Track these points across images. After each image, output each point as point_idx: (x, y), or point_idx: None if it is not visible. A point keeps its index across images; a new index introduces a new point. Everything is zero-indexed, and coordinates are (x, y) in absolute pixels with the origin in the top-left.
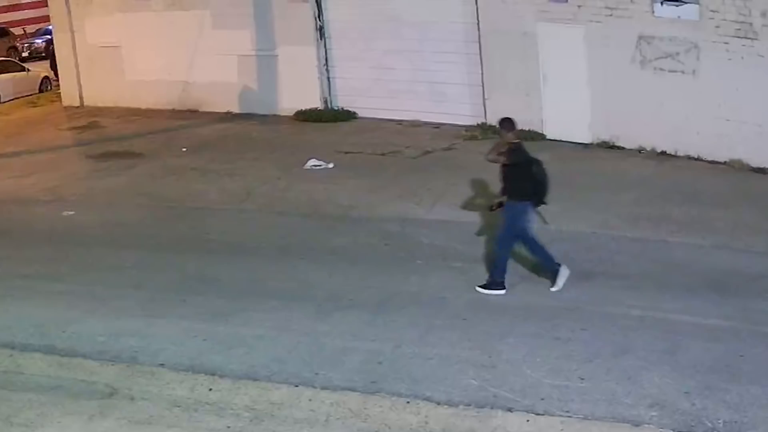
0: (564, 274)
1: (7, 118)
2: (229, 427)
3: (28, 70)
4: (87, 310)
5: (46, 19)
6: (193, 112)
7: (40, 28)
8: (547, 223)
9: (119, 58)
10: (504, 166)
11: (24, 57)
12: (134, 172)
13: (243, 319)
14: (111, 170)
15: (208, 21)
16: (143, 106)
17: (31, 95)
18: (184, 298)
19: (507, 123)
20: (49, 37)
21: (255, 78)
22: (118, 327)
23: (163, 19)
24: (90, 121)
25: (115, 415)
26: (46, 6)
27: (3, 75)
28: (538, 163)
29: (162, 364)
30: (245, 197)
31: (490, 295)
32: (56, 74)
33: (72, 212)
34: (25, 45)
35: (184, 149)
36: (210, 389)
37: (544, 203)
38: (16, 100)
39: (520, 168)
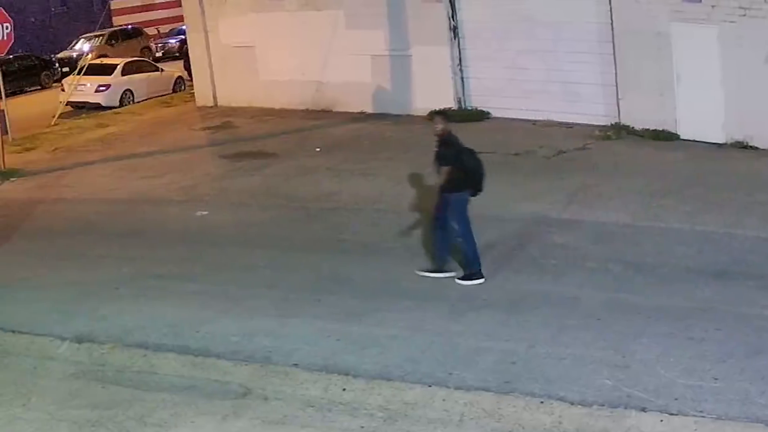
0: (444, 275)
1: (140, 118)
2: (362, 427)
3: (162, 70)
4: (221, 310)
5: (180, 19)
6: (326, 112)
7: (173, 28)
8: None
9: (253, 58)
10: (437, 158)
11: (158, 57)
12: (267, 172)
13: (377, 319)
14: (244, 170)
15: (341, 21)
16: (277, 106)
17: (164, 95)
18: (317, 298)
19: (437, 116)
20: (182, 37)
21: (388, 78)
22: (252, 327)
23: (296, 19)
24: (223, 121)
25: (249, 415)
26: (180, 6)
27: (137, 75)
28: (470, 152)
29: (296, 364)
30: (378, 197)
31: (471, 285)
32: (190, 74)
33: (205, 212)
34: (159, 45)
35: (318, 149)
36: (344, 389)
37: (479, 191)
38: (150, 100)
39: (458, 159)
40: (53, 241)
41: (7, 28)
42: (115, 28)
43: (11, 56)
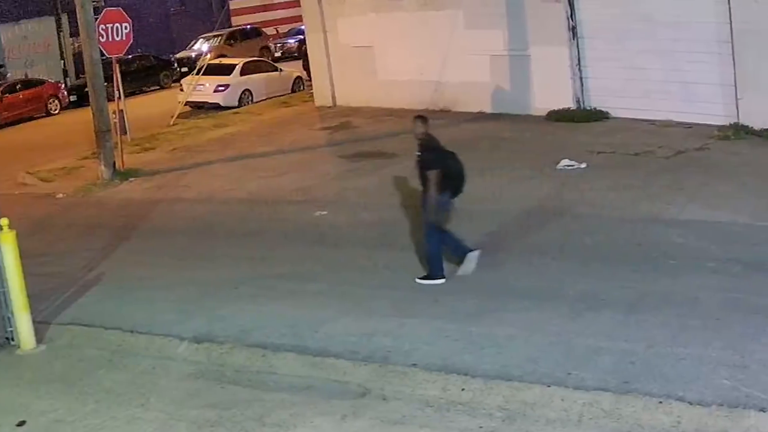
0: (435, 283)
1: (259, 118)
2: (481, 427)
3: (281, 70)
4: (339, 310)
5: (299, 19)
6: (445, 112)
7: (292, 28)
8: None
9: (371, 58)
10: (421, 163)
11: (276, 57)
12: (386, 172)
13: (495, 319)
14: (363, 170)
15: (460, 21)
16: (395, 106)
17: (283, 95)
18: (436, 298)
19: (418, 120)
20: (301, 37)
21: (507, 78)
22: (371, 327)
23: (415, 19)
24: (342, 121)
25: (368, 415)
26: (299, 6)
27: (256, 75)
28: (452, 155)
29: (414, 364)
30: (497, 197)
31: (431, 284)
32: (308, 74)
33: (324, 212)
34: (278, 45)
35: None
36: (462, 389)
37: (459, 193)
38: (269, 100)
39: (438, 163)
40: (172, 240)
41: (125, 28)
42: (234, 28)
43: (130, 56)
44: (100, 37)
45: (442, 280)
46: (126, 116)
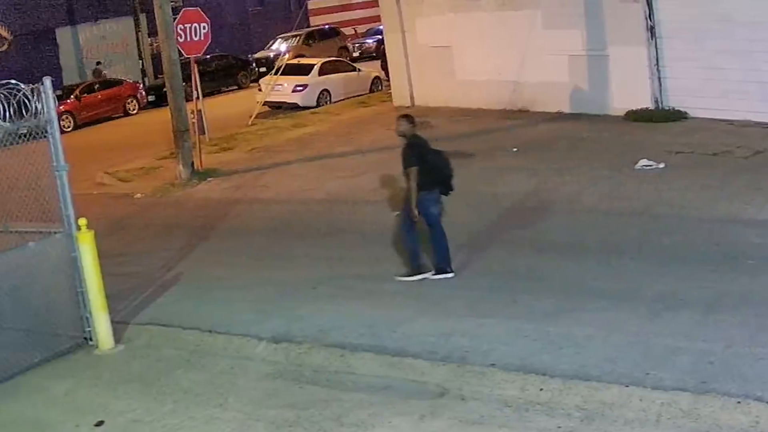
0: (446, 276)
1: (337, 118)
2: (559, 427)
3: (359, 70)
4: (417, 310)
5: (377, 19)
6: (523, 112)
7: (370, 28)
8: (446, 212)
9: (450, 58)
10: (402, 161)
11: (355, 57)
12: (464, 172)
13: (573, 318)
14: None
15: (538, 21)
16: (473, 106)
17: (361, 95)
18: (514, 298)
19: (401, 118)
20: (379, 37)
21: (585, 78)
22: (449, 327)
23: (493, 19)
24: (420, 121)
25: (446, 415)
26: (377, 6)
27: (334, 75)
28: (438, 153)
29: (492, 364)
30: (575, 197)
31: (441, 279)
32: (387, 74)
33: (399, 212)
34: (356, 45)
35: (515, 149)
36: (540, 389)
37: (450, 191)
38: (347, 100)
39: (415, 161)
40: (250, 240)
41: (204, 29)
42: (312, 28)
43: (208, 56)
44: (179, 37)
45: (452, 274)
46: (204, 116)
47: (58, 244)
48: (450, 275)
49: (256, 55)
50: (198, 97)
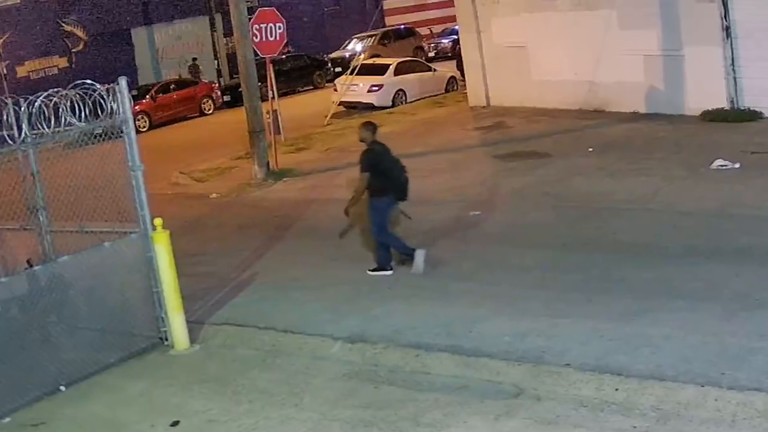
0: (420, 256)
1: (413, 118)
2: (635, 426)
3: (435, 70)
4: (493, 310)
5: (452, 19)
6: (598, 112)
7: (446, 28)
8: (410, 218)
9: (525, 58)
10: (364, 164)
11: (430, 57)
12: (540, 173)
13: (649, 319)
14: (517, 170)
15: (614, 21)
16: (549, 106)
17: (437, 95)
18: (589, 298)
19: (362, 126)
20: (455, 37)
21: (661, 78)
22: (524, 327)
23: (568, 18)
24: (496, 121)
25: (521, 415)
26: (453, 6)
27: (409, 75)
28: (395, 161)
29: (568, 364)
30: (651, 197)
31: (380, 275)
32: (462, 74)
33: (478, 212)
34: (432, 45)
35: (590, 149)
36: (616, 389)
37: (404, 199)
38: (422, 100)
39: (375, 167)
40: (325, 240)
41: (279, 28)
42: (388, 28)
43: (284, 56)
44: (254, 37)
45: (390, 272)
46: (280, 116)
47: (134, 244)
48: (389, 272)
49: (332, 55)
50: (273, 97)
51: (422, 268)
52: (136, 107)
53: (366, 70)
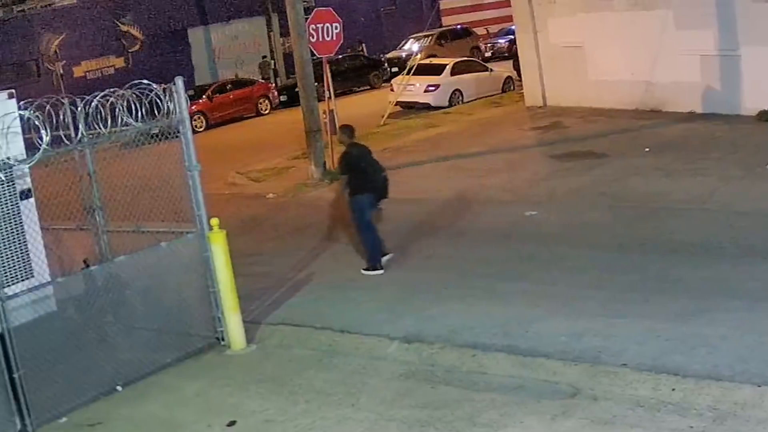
0: (377, 273)
1: (469, 118)
2: (691, 427)
3: (491, 70)
4: (549, 310)
5: (509, 19)
6: (655, 112)
7: (502, 28)
8: (380, 217)
9: (582, 58)
10: (341, 166)
11: (486, 57)
12: (596, 173)
13: (706, 319)
14: (573, 170)
15: (670, 21)
16: (605, 106)
17: (493, 95)
18: (646, 298)
19: (341, 129)
20: (511, 37)
21: (717, 78)
22: (580, 327)
23: (625, 18)
24: (552, 121)
25: (578, 415)
26: (509, 6)
27: (466, 75)
28: (374, 162)
29: (624, 364)
30: (708, 197)
31: (372, 275)
32: (519, 74)
33: (534, 212)
34: (488, 45)
35: (647, 149)
36: (673, 389)
37: (384, 198)
38: (479, 100)
39: (352, 168)
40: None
41: (336, 28)
42: (444, 28)
43: (340, 56)
44: (311, 37)
45: (381, 271)
46: (336, 116)
47: (190, 244)
48: (380, 272)
49: (388, 55)
50: (330, 97)
51: (371, 273)
52: (193, 107)
53: (423, 70)
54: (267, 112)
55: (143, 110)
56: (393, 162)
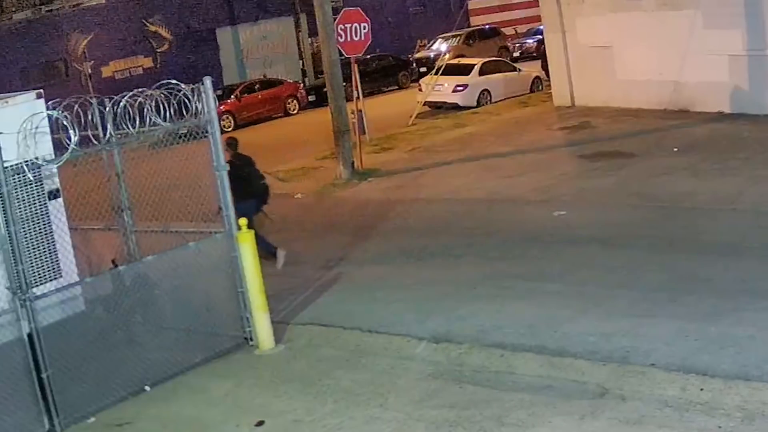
0: (281, 255)
1: (498, 118)
2: (720, 427)
3: (520, 70)
4: (578, 310)
5: (537, 19)
6: (683, 112)
7: (531, 28)
8: (272, 219)
9: (610, 58)
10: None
11: (515, 57)
12: (625, 172)
13: (734, 318)
14: (602, 170)
15: (699, 20)
16: (634, 106)
17: (522, 95)
18: (674, 298)
19: (227, 141)
20: (539, 37)
21: (746, 78)
22: (609, 327)
23: (653, 18)
24: (581, 121)
25: (606, 415)
26: (537, 6)
27: (494, 75)
28: (255, 171)
29: (653, 364)
30: (736, 197)
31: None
32: (547, 74)
33: (563, 212)
34: (516, 45)
35: (676, 149)
36: (701, 389)
37: (265, 204)
38: (507, 100)
39: (236, 178)
40: (410, 240)
41: (364, 29)
42: (473, 28)
43: (369, 56)
44: (339, 37)
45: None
46: (365, 116)
47: (219, 244)
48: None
49: (417, 55)
50: (358, 97)
51: (281, 265)
52: (221, 107)
53: (451, 70)
54: (295, 112)
55: (171, 110)
56: (422, 162)
